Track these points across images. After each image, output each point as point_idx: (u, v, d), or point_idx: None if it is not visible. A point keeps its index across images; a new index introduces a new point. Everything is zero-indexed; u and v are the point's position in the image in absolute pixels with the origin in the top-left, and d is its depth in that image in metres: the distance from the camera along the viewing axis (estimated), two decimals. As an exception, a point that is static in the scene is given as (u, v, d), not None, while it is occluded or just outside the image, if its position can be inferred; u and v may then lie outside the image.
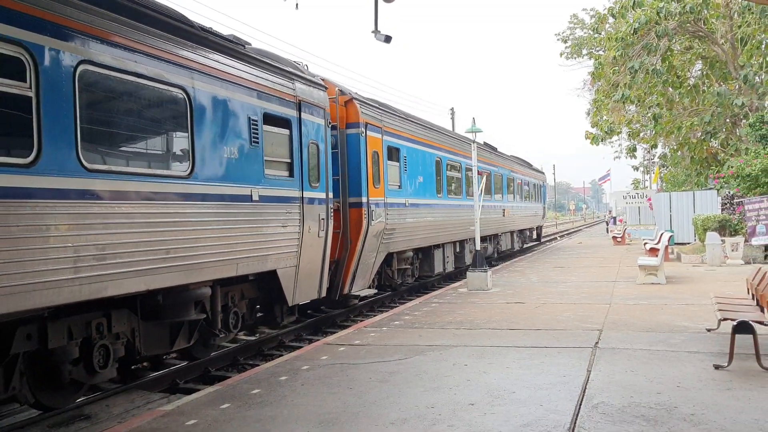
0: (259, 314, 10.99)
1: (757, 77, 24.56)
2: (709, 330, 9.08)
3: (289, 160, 10.33)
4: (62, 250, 6.06)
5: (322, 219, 11.25)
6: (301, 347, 10.23)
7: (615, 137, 35.69)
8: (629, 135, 36.40)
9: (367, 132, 13.28)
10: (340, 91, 13.10)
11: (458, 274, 19.62)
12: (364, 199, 12.98)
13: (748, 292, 9.22)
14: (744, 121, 25.28)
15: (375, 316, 12.87)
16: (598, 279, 16.50)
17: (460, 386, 6.73)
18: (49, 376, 6.94)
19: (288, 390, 6.89)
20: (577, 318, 10.64)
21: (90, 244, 6.37)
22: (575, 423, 5.45)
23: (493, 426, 5.47)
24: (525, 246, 31.91)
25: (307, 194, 10.72)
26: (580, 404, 5.95)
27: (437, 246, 17.57)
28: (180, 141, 8.06)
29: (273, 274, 9.84)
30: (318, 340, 10.95)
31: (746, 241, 18.46)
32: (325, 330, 12.50)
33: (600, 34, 32.34)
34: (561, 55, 43.28)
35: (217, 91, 8.51)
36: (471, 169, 18.58)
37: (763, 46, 25.09)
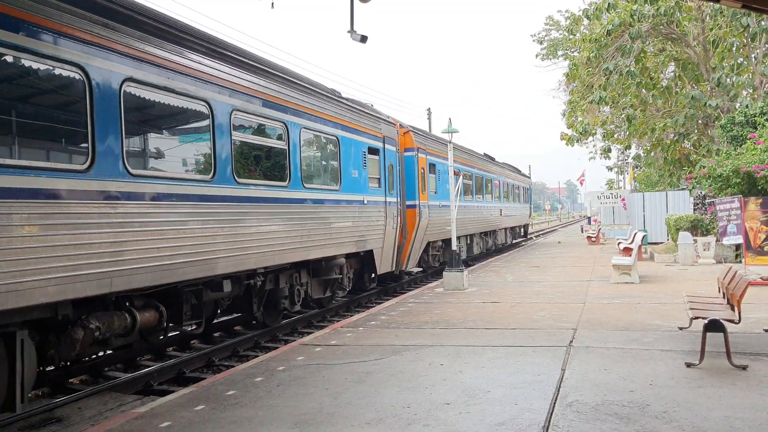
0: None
1: (728, 79, 24.95)
2: (681, 328, 9.20)
3: (378, 176, 15.13)
4: (297, 233, 11.10)
5: (395, 216, 16.09)
6: (276, 348, 10.19)
7: (590, 138, 36.05)
8: (604, 136, 36.79)
9: (418, 153, 17.97)
10: (400, 125, 17.79)
11: (472, 259, 24.82)
12: (416, 202, 17.53)
13: (719, 291, 9.35)
14: (716, 122, 25.65)
15: (351, 316, 12.86)
16: (573, 278, 16.64)
17: (436, 386, 6.74)
18: (272, 306, 11.59)
19: (263, 391, 6.85)
20: (552, 317, 10.72)
21: (306, 231, 11.41)
22: (549, 421, 5.49)
23: (468, 425, 5.49)
24: (514, 241, 35.81)
25: (388, 199, 15.58)
26: (555, 403, 5.99)
27: (463, 236, 21.90)
28: (333, 167, 13.01)
29: (370, 252, 14.64)
30: (294, 340, 10.91)
31: (718, 240, 18.72)
32: (301, 330, 12.46)
33: (575, 35, 32.63)
34: (536, 56, 43.66)
35: (350, 136, 13.68)
36: (482, 177, 25.88)
37: (734, 48, 25.50)
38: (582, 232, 44.00)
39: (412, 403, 6.14)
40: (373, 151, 14.86)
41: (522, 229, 39.44)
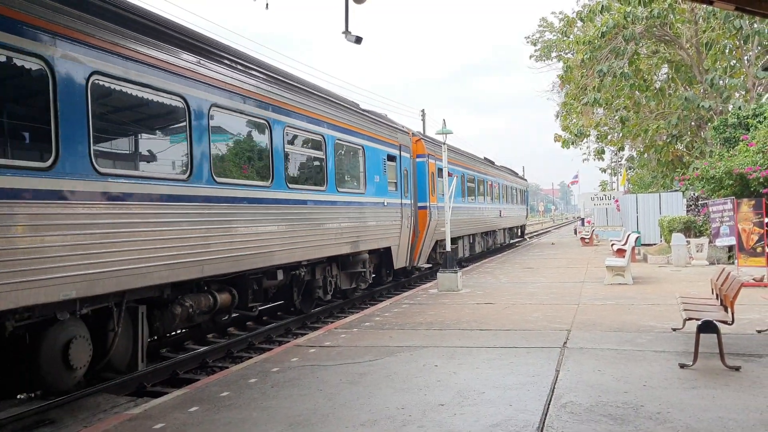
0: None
1: (721, 81, 25.05)
2: (674, 330, 9.22)
3: (395, 181, 16.80)
4: (332, 231, 12.81)
5: (409, 216, 17.72)
6: (270, 349, 10.16)
7: (584, 140, 36.13)
8: (597, 137, 36.89)
9: (428, 159, 19.34)
10: (413, 133, 19.30)
11: (474, 258, 26.37)
12: (427, 204, 18.92)
13: (713, 293, 9.38)
14: (709, 124, 25.76)
15: (346, 317, 12.84)
16: (567, 280, 16.67)
17: (430, 387, 6.74)
18: (307, 295, 13.18)
19: (257, 392, 6.84)
20: (545, 318, 10.74)
21: (339, 229, 13.03)
22: (544, 423, 5.50)
23: (462, 426, 5.49)
24: (511, 241, 37.22)
25: (403, 201, 17.30)
26: (549, 404, 6.00)
27: (460, 237, 23.74)
28: (359, 174, 14.63)
29: (388, 249, 16.31)
30: (288, 341, 10.89)
31: (711, 242, 18.79)
32: (295, 332, 12.44)
33: (569, 37, 32.68)
34: (530, 57, 43.73)
35: (373, 145, 15.29)
36: (483, 180, 27.70)
37: (727, 50, 25.61)
38: (576, 233, 44.07)
39: (406, 405, 6.14)
40: (390, 158, 16.54)
41: (519, 230, 40.98)
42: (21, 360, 6.98)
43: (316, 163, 12.59)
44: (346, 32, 9.82)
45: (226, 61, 9.74)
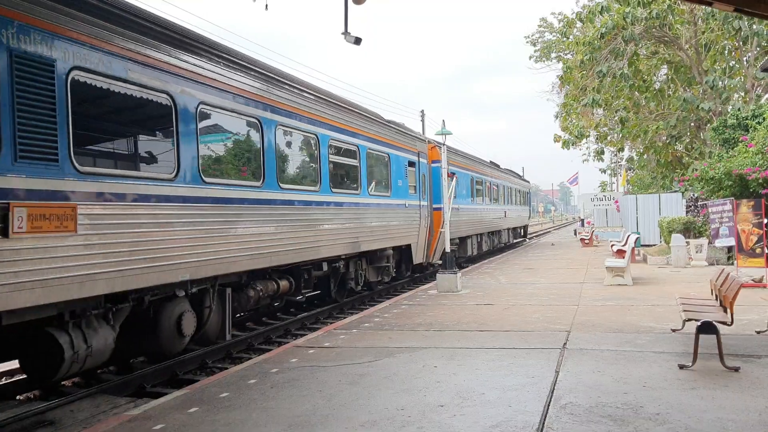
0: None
1: (720, 82, 25.06)
2: (674, 330, 9.23)
3: (415, 184, 18.73)
4: (366, 229, 14.71)
5: (426, 217, 19.59)
6: (270, 350, 10.17)
7: (584, 141, 36.14)
8: (597, 138, 36.90)
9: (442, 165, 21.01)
10: (429, 140, 21.24)
11: (482, 255, 28.08)
12: (441, 205, 19.23)
13: (712, 293, 9.39)
14: (708, 125, 25.77)
15: (345, 318, 12.83)
16: (567, 280, 16.67)
17: (430, 388, 6.74)
18: (341, 286, 15.05)
19: (257, 393, 6.83)
20: (545, 319, 10.74)
21: (370, 227, 14.93)
22: (543, 423, 5.50)
23: (462, 427, 5.49)
24: (515, 241, 38.77)
25: (422, 203, 19.21)
26: (549, 405, 6.00)
27: (469, 236, 25.56)
28: (386, 179, 16.43)
29: (408, 246, 18.08)
30: (287, 342, 10.89)
31: (710, 242, 18.80)
32: (295, 332, 12.44)
33: (568, 38, 32.70)
34: (530, 58, 43.68)
35: (397, 153, 17.38)
36: (489, 183, 29.55)
37: (726, 51, 25.63)
38: (575, 234, 44.08)
39: (405, 406, 6.14)
40: (411, 163, 18.47)
41: (522, 230, 42.61)
42: (146, 329, 8.80)
43: (353, 170, 14.56)
44: (346, 33, 9.80)
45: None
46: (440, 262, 20.74)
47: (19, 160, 6.17)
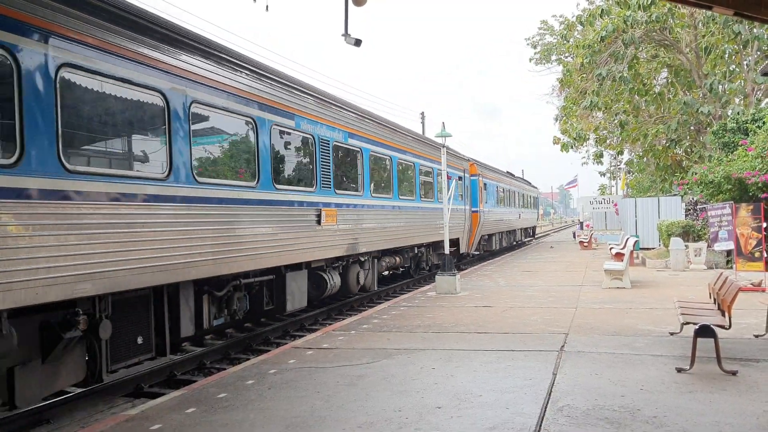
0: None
1: (720, 86, 25.07)
2: (672, 334, 9.23)
3: (462, 193, 24.00)
4: (433, 225, 19.80)
5: (468, 218, 24.97)
6: (268, 351, 10.17)
7: (584, 143, 36.15)
8: (596, 141, 36.90)
9: (479, 178, 26.78)
10: (468, 158, 26.56)
11: (503, 250, 33.76)
12: (478, 209, 26.18)
13: (710, 297, 9.40)
14: (708, 129, 25.79)
15: (344, 319, 12.83)
16: (565, 283, 16.68)
17: (428, 390, 6.75)
18: (416, 267, 20.64)
19: (255, 394, 6.84)
20: (543, 322, 10.74)
21: (435, 224, 19.74)
22: (540, 426, 5.50)
23: (459, 429, 5.49)
24: (525, 239, 43.48)
25: (465, 207, 24.63)
26: (546, 407, 6.00)
27: (497, 233, 31.50)
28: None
29: (457, 239, 22.85)
30: (286, 343, 10.89)
31: (709, 246, 18.81)
32: (293, 334, 12.44)
33: (568, 41, 32.72)
34: (530, 60, 43.71)
35: (455, 172, 22.61)
36: (507, 190, 34.49)
37: (726, 55, 25.64)
38: (574, 237, 44.08)
39: (403, 407, 6.15)
40: (460, 179, 23.58)
41: (531, 230, 47.74)
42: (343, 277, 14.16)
43: (430, 185, 20.23)
44: (346, 35, 9.80)
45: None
46: (477, 252, 28.28)
47: None
